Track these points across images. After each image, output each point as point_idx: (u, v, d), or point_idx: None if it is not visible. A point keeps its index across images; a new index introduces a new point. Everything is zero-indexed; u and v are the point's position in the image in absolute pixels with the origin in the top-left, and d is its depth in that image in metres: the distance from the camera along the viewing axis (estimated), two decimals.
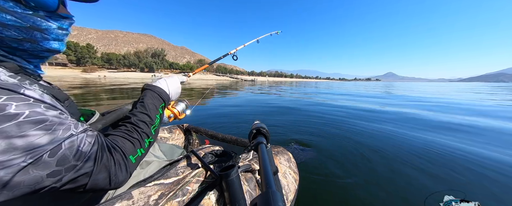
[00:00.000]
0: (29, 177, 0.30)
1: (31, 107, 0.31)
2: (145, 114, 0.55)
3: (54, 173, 0.33)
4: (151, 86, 0.64)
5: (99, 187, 0.40)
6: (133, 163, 0.47)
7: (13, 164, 0.28)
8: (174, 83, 0.71)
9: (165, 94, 0.65)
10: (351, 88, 16.37)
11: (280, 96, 6.69)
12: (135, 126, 0.51)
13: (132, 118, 0.53)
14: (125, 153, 0.45)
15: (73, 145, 0.36)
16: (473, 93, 10.27)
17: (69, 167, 0.35)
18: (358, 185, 1.38)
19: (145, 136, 0.52)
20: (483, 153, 2.03)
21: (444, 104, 5.74)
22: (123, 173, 0.44)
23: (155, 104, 0.60)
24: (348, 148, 2.10)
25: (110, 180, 0.41)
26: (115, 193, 0.52)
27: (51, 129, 0.33)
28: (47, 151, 0.32)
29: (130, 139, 0.48)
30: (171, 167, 0.62)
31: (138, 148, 0.50)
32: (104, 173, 0.40)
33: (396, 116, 3.98)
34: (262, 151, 0.61)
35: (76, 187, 0.38)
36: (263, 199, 0.31)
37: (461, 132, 2.87)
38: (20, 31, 0.35)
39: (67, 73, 49.20)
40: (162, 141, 1.14)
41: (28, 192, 0.31)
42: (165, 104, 0.65)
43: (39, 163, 0.31)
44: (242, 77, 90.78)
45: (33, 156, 0.30)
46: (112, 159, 0.42)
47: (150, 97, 0.60)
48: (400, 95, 6.54)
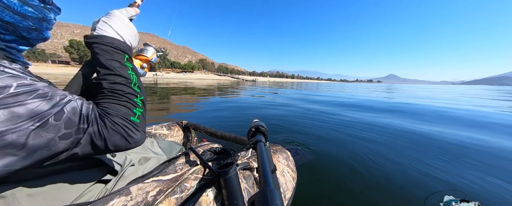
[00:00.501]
0: (42, 140, 0.33)
1: (16, 79, 0.32)
2: (115, 75, 0.47)
3: (65, 135, 0.35)
4: (94, 37, 0.47)
5: (121, 147, 0.43)
6: (138, 122, 0.46)
7: (23, 128, 0.31)
8: (122, 24, 0.51)
9: (120, 43, 0.50)
10: (351, 91, 16.24)
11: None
12: (112, 90, 0.45)
13: (103, 83, 0.45)
14: (124, 117, 0.44)
15: (75, 109, 0.38)
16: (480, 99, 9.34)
17: (78, 130, 0.37)
18: (357, 185, 1.38)
19: (132, 96, 0.48)
20: (484, 153, 2.02)
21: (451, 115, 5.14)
22: (135, 133, 0.45)
23: (117, 60, 0.48)
24: (347, 148, 2.09)
25: (127, 140, 0.43)
26: (114, 188, 0.53)
27: (47, 96, 0.35)
28: (51, 115, 0.34)
29: (119, 103, 0.45)
30: (170, 163, 0.63)
31: (133, 108, 0.47)
32: (117, 135, 0.42)
33: (396, 116, 3.95)
34: (260, 149, 0.61)
35: (100, 150, 0.41)
36: (261, 197, 0.31)
37: (460, 133, 2.85)
38: (34, 21, 0.39)
39: (70, 71, 49.53)
40: (161, 138, 1.14)
41: (47, 155, 0.34)
42: (128, 54, 0.52)
43: (47, 126, 0.33)
44: (243, 78, 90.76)
45: (39, 119, 0.32)
46: (116, 124, 0.42)
47: (104, 53, 0.47)
48: (400, 104, 6.34)
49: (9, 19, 0.35)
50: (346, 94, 9.80)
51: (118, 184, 0.54)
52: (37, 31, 0.41)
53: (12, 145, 0.30)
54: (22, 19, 0.37)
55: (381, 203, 1.20)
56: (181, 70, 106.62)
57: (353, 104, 6.03)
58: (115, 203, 0.44)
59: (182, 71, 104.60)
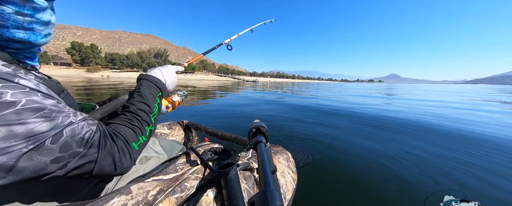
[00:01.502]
0: (33, 163, 0.31)
1: (27, 95, 0.32)
2: (143, 103, 0.54)
3: (58, 159, 0.34)
4: (146, 75, 0.62)
5: (105, 172, 0.42)
6: (136, 150, 0.48)
7: (15, 150, 0.29)
8: (169, 73, 0.69)
9: (161, 84, 0.63)
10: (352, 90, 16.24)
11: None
12: (134, 114, 0.51)
13: (130, 106, 0.52)
14: (127, 140, 0.45)
15: (74, 132, 0.36)
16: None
17: (72, 154, 0.36)
18: (357, 186, 1.37)
19: (146, 124, 0.52)
20: (484, 151, 2.00)
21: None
22: (127, 159, 0.45)
23: (152, 93, 0.59)
24: (347, 150, 2.08)
25: (115, 166, 0.43)
26: (115, 187, 0.53)
27: (50, 117, 0.33)
28: (48, 137, 0.33)
29: (131, 126, 0.49)
30: (170, 163, 0.63)
31: (140, 135, 0.50)
32: (109, 159, 0.41)
33: (396, 116, 3.94)
34: (261, 150, 0.61)
35: (83, 173, 0.39)
36: (261, 198, 0.31)
37: (461, 133, 2.83)
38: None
39: (71, 73, 49.84)
40: (162, 137, 1.15)
41: (32, 176, 0.32)
42: (162, 93, 0.64)
43: (41, 149, 0.32)
44: (243, 78, 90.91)
45: (35, 142, 0.31)
46: (115, 146, 0.42)
47: (146, 86, 0.59)
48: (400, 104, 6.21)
49: (28, 11, 0.35)
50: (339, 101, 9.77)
51: (119, 183, 0.54)
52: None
53: (1, 166, 0.29)
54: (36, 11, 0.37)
55: (381, 203, 1.20)
56: (182, 71, 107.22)
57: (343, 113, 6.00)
58: (115, 202, 0.44)
59: (183, 72, 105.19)
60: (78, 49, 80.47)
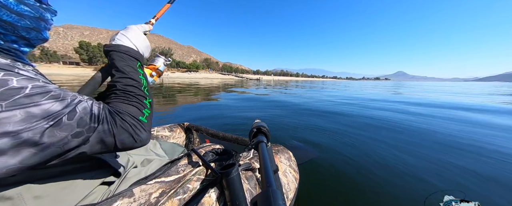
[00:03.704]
0: (56, 138, 0.34)
1: (31, 81, 0.34)
2: (127, 78, 0.51)
3: (77, 134, 0.37)
4: (114, 46, 0.53)
5: (128, 145, 0.45)
6: (146, 123, 0.49)
7: (37, 127, 0.32)
8: (137, 37, 0.59)
9: (134, 52, 0.56)
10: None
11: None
12: (125, 91, 0.49)
13: (117, 85, 0.49)
14: (133, 115, 0.46)
15: (86, 109, 0.39)
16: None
17: (89, 129, 0.39)
18: (358, 185, 1.37)
19: (142, 98, 0.51)
20: (484, 152, 1.95)
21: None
22: (142, 132, 0.46)
23: (130, 65, 0.53)
24: (348, 148, 2.06)
25: (134, 139, 0.45)
26: (117, 190, 0.54)
27: (59, 97, 0.36)
28: (64, 114, 0.36)
29: (129, 103, 0.48)
30: (172, 165, 0.63)
31: (142, 109, 0.50)
32: (125, 134, 0.43)
33: (396, 117, 3.86)
34: (262, 150, 0.61)
35: (107, 148, 0.42)
36: (264, 197, 0.31)
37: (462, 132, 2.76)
38: (31, 21, 0.40)
39: (80, 72, 51.07)
40: (163, 140, 1.15)
41: (59, 153, 0.36)
42: (140, 62, 0.58)
43: (61, 125, 0.35)
44: (247, 76, 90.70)
45: (53, 119, 0.34)
46: (125, 122, 0.44)
47: (120, 59, 0.52)
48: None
49: (7, 18, 0.36)
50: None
51: (121, 185, 0.55)
52: (35, 30, 0.42)
53: (28, 142, 0.32)
54: (20, 18, 0.38)
55: (381, 203, 1.19)
56: (186, 70, 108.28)
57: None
58: (118, 204, 0.45)
59: (187, 70, 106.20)
60: (86, 48, 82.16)
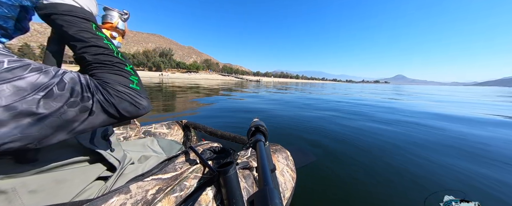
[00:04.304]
0: (52, 109, 0.33)
1: (5, 56, 0.32)
2: (93, 46, 0.43)
3: (72, 103, 0.35)
4: (51, 7, 0.41)
5: (133, 113, 0.43)
6: (140, 89, 0.46)
7: (30, 98, 0.31)
8: None
9: (81, 11, 0.43)
10: None
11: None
12: (99, 62, 0.43)
13: (86, 56, 0.42)
14: (124, 84, 0.43)
15: (74, 79, 0.37)
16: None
17: (83, 98, 0.37)
18: (357, 185, 1.38)
19: (121, 65, 0.45)
20: (485, 151, 2.02)
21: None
22: (141, 99, 0.44)
23: (86, 30, 0.43)
24: (347, 148, 2.09)
25: (136, 106, 0.43)
26: (113, 186, 0.53)
27: (41, 70, 0.34)
28: (53, 85, 0.34)
29: (113, 72, 0.43)
30: (170, 162, 0.62)
31: (128, 77, 0.45)
32: (125, 102, 0.41)
33: (395, 117, 3.96)
34: (260, 149, 0.61)
35: (114, 116, 0.40)
36: (260, 196, 0.31)
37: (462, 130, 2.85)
38: (9, 8, 0.37)
39: None
40: (161, 137, 1.14)
41: (60, 123, 0.34)
42: (95, 23, 0.47)
43: (53, 96, 0.33)
44: (247, 78, 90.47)
45: (43, 89, 0.32)
46: (119, 92, 0.41)
47: (70, 25, 0.41)
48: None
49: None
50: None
51: (117, 182, 0.54)
52: (13, 19, 0.39)
53: (25, 112, 0.30)
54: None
55: (381, 203, 1.20)
56: (186, 71, 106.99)
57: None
58: (114, 201, 0.44)
59: (187, 71, 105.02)
60: None
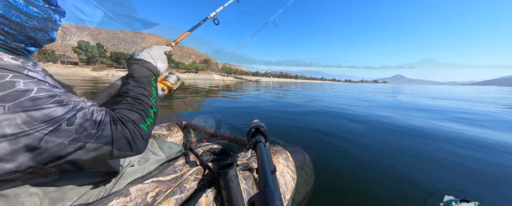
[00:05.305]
0: (53, 144, 0.35)
1: (37, 84, 0.35)
2: (141, 87, 0.56)
3: (75, 139, 0.37)
4: (136, 60, 0.61)
5: (124, 152, 0.45)
6: (146, 131, 0.50)
7: (36, 132, 0.33)
8: (158, 54, 0.67)
9: (152, 66, 0.63)
10: None
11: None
12: (135, 99, 0.52)
13: (130, 92, 0.53)
14: (135, 122, 0.47)
15: (86, 116, 0.40)
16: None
17: (87, 135, 0.39)
18: (357, 185, 1.36)
19: (148, 107, 0.54)
20: (485, 151, 1.97)
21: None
22: (140, 140, 0.47)
23: (146, 77, 0.59)
24: (347, 148, 2.06)
25: (131, 146, 0.46)
26: (113, 189, 0.53)
27: (63, 102, 0.37)
28: (64, 120, 0.36)
29: (136, 110, 0.50)
30: (169, 164, 0.63)
31: (146, 117, 0.51)
32: (123, 140, 0.44)
33: (396, 116, 3.88)
34: (260, 150, 0.60)
35: (103, 154, 0.42)
36: (261, 198, 0.31)
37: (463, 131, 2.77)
38: (39, 21, 0.41)
39: (78, 72, 50.82)
40: (161, 138, 1.14)
41: (54, 157, 0.36)
42: (156, 76, 0.64)
43: (59, 131, 0.35)
44: (246, 78, 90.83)
45: (53, 124, 0.35)
46: (126, 129, 0.45)
47: (139, 71, 0.59)
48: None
49: (16, 18, 0.36)
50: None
51: (117, 184, 0.54)
52: (43, 31, 0.42)
53: (26, 148, 0.32)
54: (28, 19, 0.38)
55: (381, 203, 1.19)
56: (185, 71, 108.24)
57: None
58: (114, 204, 0.44)
59: (186, 71, 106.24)
60: (85, 48, 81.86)
